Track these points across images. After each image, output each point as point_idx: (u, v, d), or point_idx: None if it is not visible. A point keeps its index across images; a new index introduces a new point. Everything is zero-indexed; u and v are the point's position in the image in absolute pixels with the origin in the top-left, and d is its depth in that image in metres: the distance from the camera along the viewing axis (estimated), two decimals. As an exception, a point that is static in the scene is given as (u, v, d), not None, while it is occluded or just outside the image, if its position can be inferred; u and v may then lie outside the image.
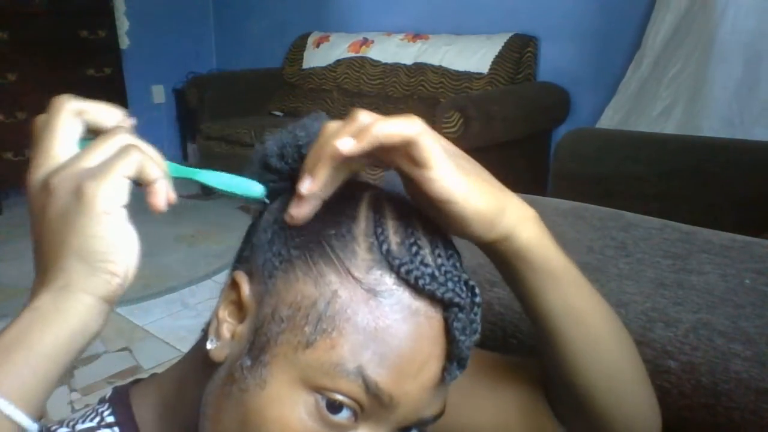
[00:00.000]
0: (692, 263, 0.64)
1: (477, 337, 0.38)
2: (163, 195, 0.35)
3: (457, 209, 0.36)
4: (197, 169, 0.39)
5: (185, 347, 1.86)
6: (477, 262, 0.54)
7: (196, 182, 0.40)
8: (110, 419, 0.45)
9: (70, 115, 0.36)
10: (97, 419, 0.45)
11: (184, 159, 4.23)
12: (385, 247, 0.37)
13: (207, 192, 3.49)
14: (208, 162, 3.38)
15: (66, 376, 1.89)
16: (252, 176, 0.42)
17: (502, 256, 0.40)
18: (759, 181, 1.20)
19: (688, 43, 1.94)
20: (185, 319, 2.12)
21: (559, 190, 1.44)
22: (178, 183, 0.40)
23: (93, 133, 0.37)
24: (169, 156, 0.37)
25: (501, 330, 0.68)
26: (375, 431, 0.37)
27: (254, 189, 0.39)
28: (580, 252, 0.69)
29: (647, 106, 2.01)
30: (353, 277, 0.36)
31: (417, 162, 0.35)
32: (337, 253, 0.37)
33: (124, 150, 0.34)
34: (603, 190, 1.35)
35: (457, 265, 0.39)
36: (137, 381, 0.49)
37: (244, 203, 3.29)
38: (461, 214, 0.36)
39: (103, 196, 0.32)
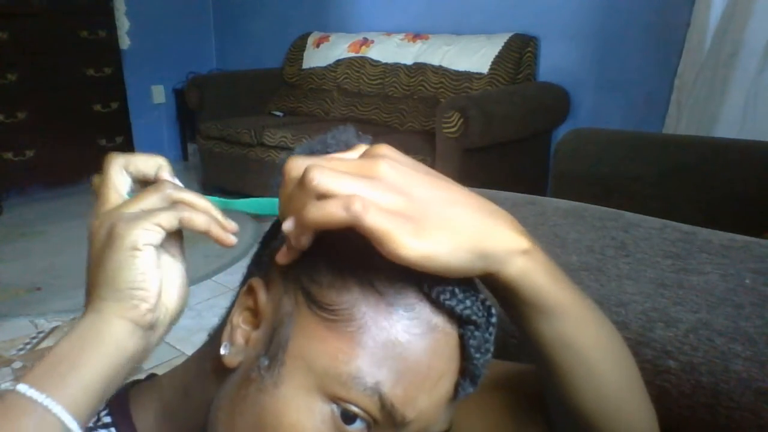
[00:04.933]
0: (692, 263, 0.64)
1: (490, 356, 0.39)
2: (222, 236, 0.38)
3: (424, 269, 0.33)
4: (232, 200, 0.42)
5: (185, 347, 1.86)
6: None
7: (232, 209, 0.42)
8: (107, 420, 0.45)
9: (118, 168, 0.40)
10: (94, 419, 0.45)
11: (184, 159, 4.24)
12: None
13: (207, 192, 3.48)
14: (208, 161, 3.38)
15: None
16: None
17: (492, 289, 0.39)
18: (759, 181, 1.20)
19: (703, 80, 2.00)
20: (185, 320, 2.11)
21: (559, 190, 1.44)
22: (179, 182, 0.41)
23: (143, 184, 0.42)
24: (169, 156, 0.39)
25: (501, 330, 0.68)
26: None
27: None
28: (580, 252, 0.69)
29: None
30: (376, 290, 0.37)
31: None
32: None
33: (167, 206, 0.38)
34: (603, 190, 1.35)
35: (473, 284, 0.39)
36: (136, 382, 0.49)
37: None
38: (429, 270, 0.33)
39: (131, 236, 0.36)
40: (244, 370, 0.39)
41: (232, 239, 0.38)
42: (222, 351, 0.40)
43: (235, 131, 3.13)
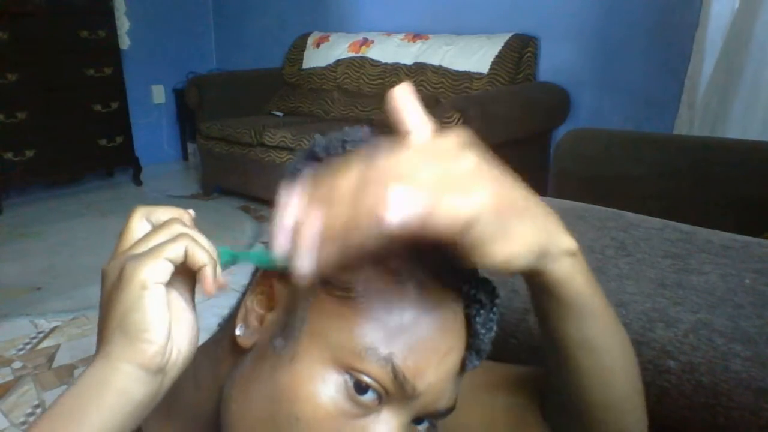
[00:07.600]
0: (692, 263, 0.64)
1: (494, 334, 0.42)
2: (209, 281, 0.37)
3: (504, 271, 0.34)
4: (248, 253, 0.41)
5: (185, 347, 1.86)
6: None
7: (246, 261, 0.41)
8: None
9: (139, 217, 0.40)
10: None
11: (184, 159, 4.23)
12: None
13: (207, 192, 3.49)
14: (208, 161, 3.38)
15: (66, 376, 1.87)
16: (296, 164, 0.44)
17: (532, 285, 0.41)
18: (759, 181, 1.20)
19: (714, 86, 2.00)
20: (185, 319, 2.12)
21: (559, 190, 1.44)
22: (179, 182, 0.41)
23: None
24: (169, 156, 0.38)
25: (501, 330, 0.68)
26: (397, 415, 0.39)
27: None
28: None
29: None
30: (389, 269, 0.39)
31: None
32: None
33: (172, 238, 0.37)
34: (603, 190, 1.35)
35: (478, 269, 0.41)
36: None
37: (246, 205, 3.29)
38: (506, 271, 0.34)
39: (140, 274, 0.35)
40: (258, 349, 0.41)
41: (211, 291, 0.37)
42: (237, 332, 0.41)
43: (235, 131, 3.13)
